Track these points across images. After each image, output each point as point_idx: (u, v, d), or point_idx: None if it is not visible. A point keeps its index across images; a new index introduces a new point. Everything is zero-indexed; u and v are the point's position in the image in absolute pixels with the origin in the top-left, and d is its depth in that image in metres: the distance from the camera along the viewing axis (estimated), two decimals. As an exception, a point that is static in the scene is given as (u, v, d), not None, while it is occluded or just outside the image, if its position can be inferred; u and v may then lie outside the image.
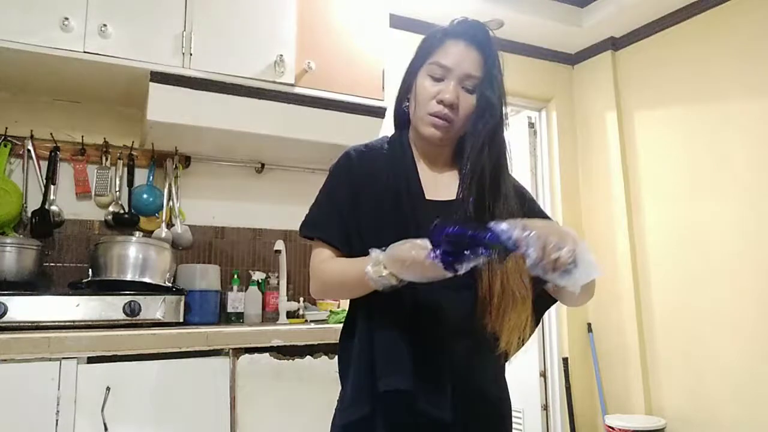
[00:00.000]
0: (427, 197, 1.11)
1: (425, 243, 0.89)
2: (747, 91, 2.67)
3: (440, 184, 1.15)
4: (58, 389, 1.53)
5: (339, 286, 1.10)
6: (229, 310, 2.30)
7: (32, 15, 1.85)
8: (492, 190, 1.07)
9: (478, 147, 1.07)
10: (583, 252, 0.87)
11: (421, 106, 1.11)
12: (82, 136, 2.25)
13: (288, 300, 2.38)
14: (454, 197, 1.11)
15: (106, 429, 1.56)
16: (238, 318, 2.31)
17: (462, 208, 1.06)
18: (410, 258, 0.90)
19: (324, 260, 1.11)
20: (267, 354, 1.79)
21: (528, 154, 3.51)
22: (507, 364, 1.14)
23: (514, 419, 3.61)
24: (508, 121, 1.14)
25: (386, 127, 2.21)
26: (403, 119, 1.20)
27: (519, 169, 3.48)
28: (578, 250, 0.87)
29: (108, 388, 1.58)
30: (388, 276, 0.93)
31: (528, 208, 1.16)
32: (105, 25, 1.93)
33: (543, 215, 1.20)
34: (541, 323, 1.41)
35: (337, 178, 1.16)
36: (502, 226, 0.86)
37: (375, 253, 0.95)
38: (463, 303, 1.04)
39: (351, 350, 1.08)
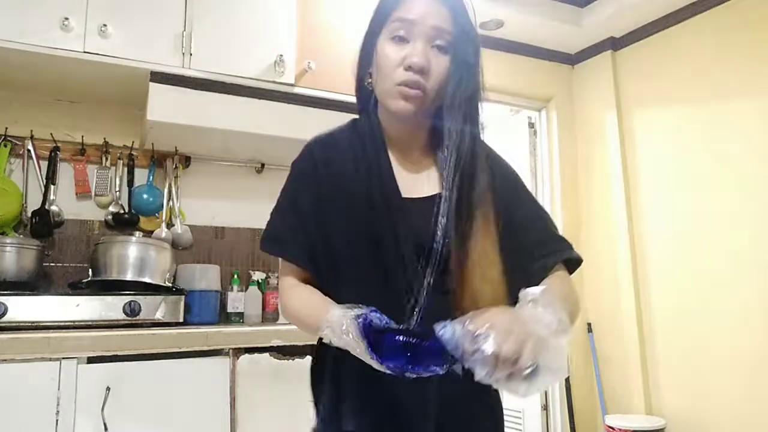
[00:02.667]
0: (404, 195, 0.96)
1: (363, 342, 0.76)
2: (747, 91, 2.67)
3: (416, 179, 0.99)
4: (58, 389, 1.53)
5: (300, 325, 0.96)
6: (229, 310, 2.30)
7: (32, 15, 1.85)
8: (472, 179, 0.93)
9: (459, 124, 0.92)
10: (546, 357, 0.70)
11: (386, 78, 0.93)
12: (82, 136, 2.25)
13: (288, 300, 2.37)
14: (433, 192, 0.96)
15: (106, 429, 1.56)
16: (238, 318, 2.31)
17: (446, 206, 0.91)
18: (356, 351, 0.78)
19: (290, 286, 0.97)
20: (267, 354, 1.79)
21: (528, 154, 3.51)
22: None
23: (514, 419, 3.59)
24: (485, 87, 0.98)
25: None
26: (367, 98, 1.02)
27: (519, 169, 3.47)
28: (541, 355, 0.70)
29: (108, 388, 1.58)
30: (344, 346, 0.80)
31: (513, 195, 1.01)
32: (105, 25, 1.93)
33: (528, 203, 1.05)
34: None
35: (298, 179, 1.01)
36: (447, 334, 0.73)
37: (333, 315, 0.81)
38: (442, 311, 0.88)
39: (322, 382, 0.96)
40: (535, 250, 0.96)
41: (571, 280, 0.99)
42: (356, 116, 1.08)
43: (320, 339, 0.90)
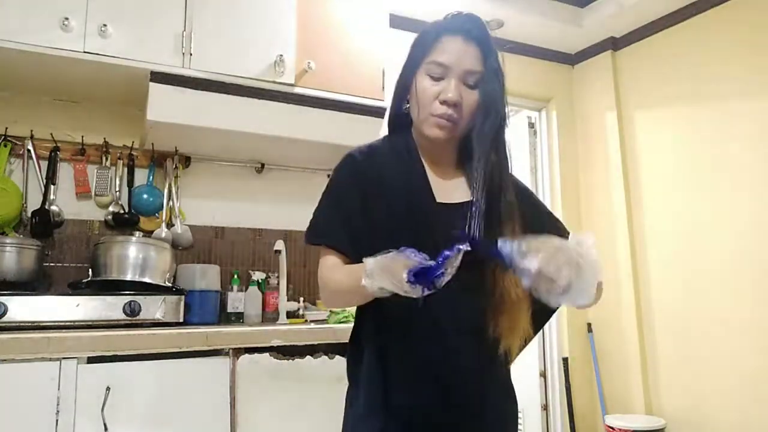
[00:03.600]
0: (438, 200, 1.09)
1: (411, 258, 0.85)
2: (747, 91, 2.67)
3: (448, 187, 1.12)
4: (58, 389, 1.53)
5: (344, 296, 1.06)
6: (229, 310, 2.30)
7: (32, 15, 1.85)
8: (500, 192, 1.06)
9: (486, 148, 1.05)
10: (583, 271, 0.86)
11: (423, 108, 1.07)
12: (82, 136, 2.25)
13: (288, 300, 2.37)
14: (463, 200, 1.08)
15: (106, 429, 1.56)
16: (238, 318, 2.31)
17: (475, 211, 1.03)
18: (393, 279, 0.85)
19: (330, 268, 1.07)
20: (267, 354, 1.79)
21: (528, 154, 3.50)
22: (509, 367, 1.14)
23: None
24: (510, 117, 1.12)
25: (386, 127, 2.21)
26: (402, 121, 1.16)
27: (519, 169, 3.48)
28: (578, 271, 0.86)
29: (108, 388, 1.58)
30: (380, 290, 0.88)
31: (532, 206, 1.17)
32: (105, 25, 1.93)
33: (545, 213, 1.23)
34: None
35: (343, 181, 1.11)
36: (506, 249, 0.87)
37: (368, 263, 0.90)
38: (469, 304, 1.03)
39: (361, 356, 1.07)
40: None
41: None
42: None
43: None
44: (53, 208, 2.15)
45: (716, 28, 2.81)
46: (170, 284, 2.08)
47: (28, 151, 2.16)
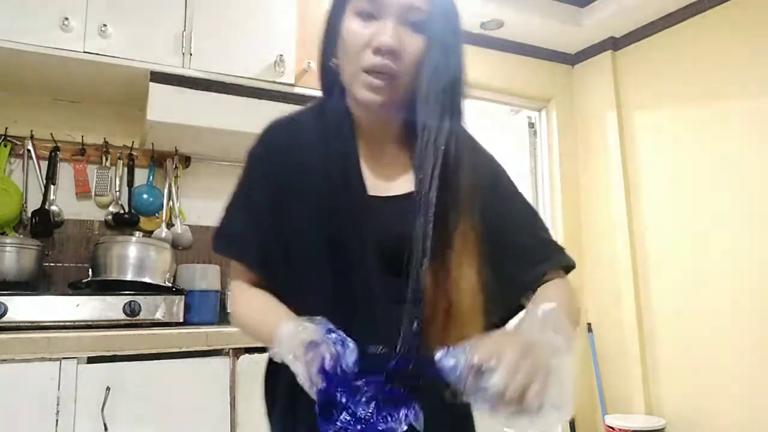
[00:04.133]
0: (371, 193, 0.84)
1: (329, 349, 0.67)
2: (747, 91, 2.67)
3: (388, 172, 0.87)
4: (58, 389, 1.53)
5: (251, 335, 0.87)
6: (229, 310, 2.30)
7: (32, 15, 1.85)
8: (454, 182, 0.80)
9: (436, 117, 0.79)
10: (553, 394, 0.62)
11: (351, 60, 0.80)
12: (82, 136, 2.25)
13: (288, 300, 2.37)
14: (405, 191, 0.84)
15: (106, 429, 1.56)
16: (238, 318, 2.30)
17: (421, 208, 0.78)
18: (301, 369, 0.68)
19: (242, 291, 0.88)
20: (267, 354, 1.79)
21: (528, 154, 3.51)
22: None
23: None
24: (466, 72, 0.84)
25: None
26: (332, 82, 0.88)
27: (519, 169, 3.48)
28: (548, 394, 0.61)
29: (108, 388, 1.58)
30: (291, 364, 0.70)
31: (500, 201, 0.89)
32: (105, 25, 1.93)
33: (520, 211, 0.92)
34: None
35: (253, 169, 0.91)
36: (449, 363, 0.64)
37: (279, 336, 0.71)
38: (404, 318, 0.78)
39: (275, 392, 0.88)
40: (529, 253, 0.87)
41: (570, 285, 0.90)
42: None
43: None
44: (53, 208, 2.15)
45: (716, 28, 2.81)
46: (170, 284, 2.08)
47: (28, 151, 2.16)
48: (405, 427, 0.67)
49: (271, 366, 0.90)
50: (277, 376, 0.86)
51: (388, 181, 0.87)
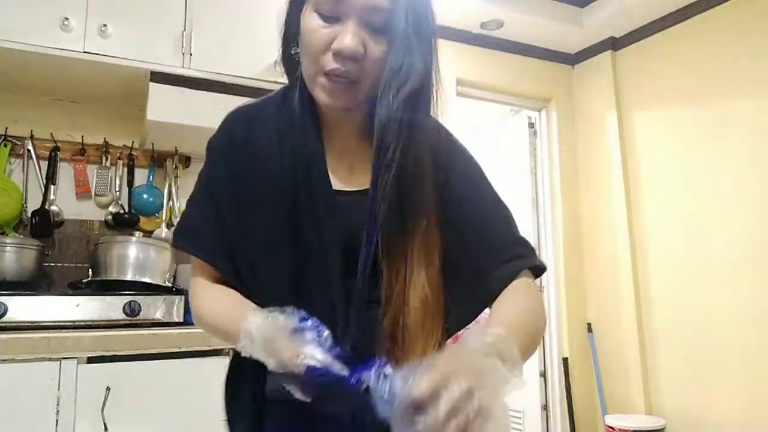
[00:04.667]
0: (336, 187, 0.81)
1: (307, 349, 0.65)
2: (747, 91, 2.67)
3: (351, 165, 0.84)
4: (58, 389, 1.53)
5: (215, 333, 0.83)
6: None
7: (32, 15, 1.85)
8: (416, 172, 0.76)
9: (396, 113, 0.73)
10: (498, 418, 0.57)
11: (311, 61, 0.76)
12: (82, 136, 2.24)
13: (288, 300, 2.37)
14: (365, 186, 0.80)
15: (106, 429, 1.56)
16: (238, 318, 2.30)
17: (374, 205, 0.75)
18: (277, 359, 0.66)
19: (203, 287, 0.84)
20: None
21: (528, 154, 3.51)
22: None
23: (514, 419, 3.59)
24: (439, 71, 0.80)
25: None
26: (294, 69, 0.87)
27: (519, 169, 3.48)
28: (492, 421, 0.56)
29: (108, 388, 1.58)
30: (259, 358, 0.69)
31: (463, 198, 0.84)
32: (105, 25, 1.93)
33: (484, 212, 0.85)
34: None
35: (213, 161, 0.88)
36: (382, 389, 0.61)
37: (250, 324, 0.69)
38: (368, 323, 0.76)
39: (238, 400, 0.84)
40: (497, 253, 0.82)
41: (536, 289, 0.86)
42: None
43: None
44: (53, 208, 2.15)
45: (716, 28, 2.81)
46: (170, 284, 2.08)
47: (28, 151, 2.16)
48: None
49: (234, 373, 0.85)
50: (241, 386, 0.82)
51: (350, 174, 0.83)
